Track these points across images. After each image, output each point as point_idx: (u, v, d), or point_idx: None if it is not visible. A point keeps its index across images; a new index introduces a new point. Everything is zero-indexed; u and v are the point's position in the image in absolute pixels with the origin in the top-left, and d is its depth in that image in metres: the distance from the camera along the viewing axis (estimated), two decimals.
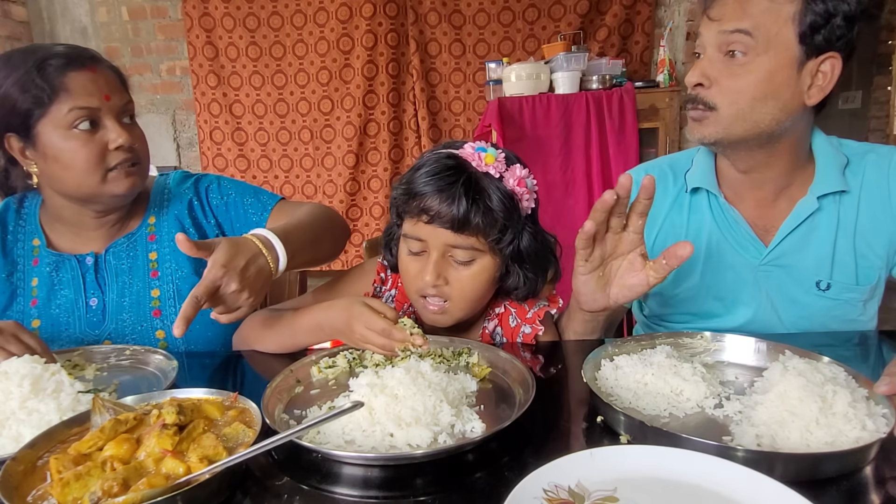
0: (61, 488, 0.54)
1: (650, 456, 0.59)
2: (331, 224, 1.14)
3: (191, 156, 3.77)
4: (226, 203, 1.18)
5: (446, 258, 0.92)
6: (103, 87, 1.00)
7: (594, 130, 2.88)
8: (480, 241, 0.91)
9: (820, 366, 0.73)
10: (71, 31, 3.64)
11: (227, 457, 0.58)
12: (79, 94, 0.97)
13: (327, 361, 0.88)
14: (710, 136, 0.96)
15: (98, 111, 0.98)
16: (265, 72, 3.57)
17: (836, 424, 0.63)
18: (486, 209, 0.89)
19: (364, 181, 3.68)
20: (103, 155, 1.00)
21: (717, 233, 1.07)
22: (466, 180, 0.89)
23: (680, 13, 3.41)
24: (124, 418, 0.63)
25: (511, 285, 0.98)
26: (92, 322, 1.08)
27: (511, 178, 0.92)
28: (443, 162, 0.91)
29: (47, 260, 1.09)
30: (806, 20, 0.88)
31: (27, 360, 0.78)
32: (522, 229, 0.94)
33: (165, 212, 1.15)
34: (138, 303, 1.10)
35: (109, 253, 1.11)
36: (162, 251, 1.13)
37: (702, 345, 0.88)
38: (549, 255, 1.01)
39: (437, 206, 0.88)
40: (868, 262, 1.02)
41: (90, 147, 0.98)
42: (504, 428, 0.65)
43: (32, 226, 1.11)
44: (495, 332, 1.04)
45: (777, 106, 0.92)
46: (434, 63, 3.51)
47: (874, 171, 1.01)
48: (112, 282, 1.10)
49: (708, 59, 0.95)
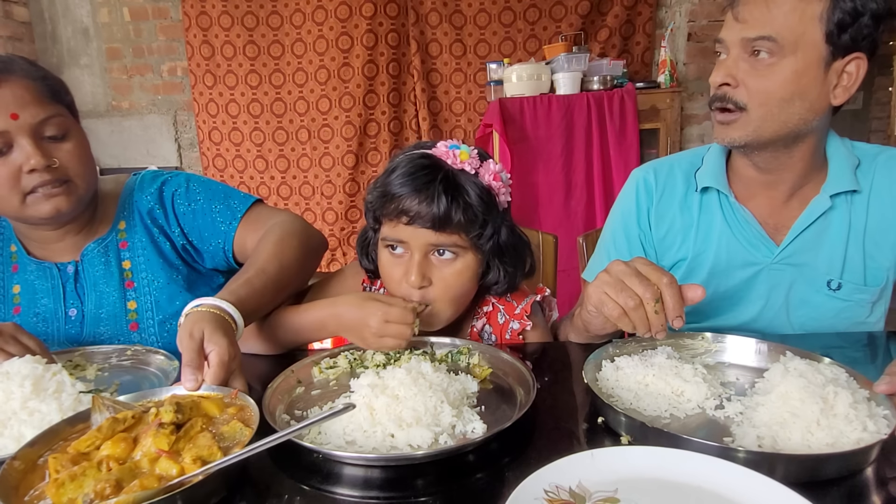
0: (56, 489, 0.54)
1: (651, 457, 0.59)
2: (303, 251, 1.01)
3: (192, 156, 3.77)
4: (193, 210, 1.09)
5: (428, 258, 0.92)
6: (10, 105, 0.89)
7: (595, 131, 2.87)
8: (462, 238, 0.91)
9: (821, 367, 0.73)
10: (73, 31, 3.64)
11: (221, 457, 0.58)
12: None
13: (328, 362, 0.88)
14: (740, 139, 0.96)
15: (6, 133, 0.89)
16: (263, 71, 3.56)
17: (837, 425, 0.63)
18: (465, 205, 0.89)
19: (364, 182, 3.67)
20: (17, 178, 0.91)
21: (728, 232, 1.06)
22: (444, 178, 0.89)
23: (681, 14, 3.40)
24: (122, 417, 0.63)
25: (491, 280, 0.98)
26: (70, 333, 1.04)
27: (486, 174, 0.92)
28: (417, 162, 0.91)
29: (30, 267, 1.05)
30: (834, 19, 0.88)
31: (29, 360, 0.78)
32: (501, 224, 0.95)
33: (133, 218, 1.09)
34: (115, 315, 1.05)
35: (85, 260, 1.06)
36: (135, 260, 1.08)
37: (703, 346, 0.88)
38: (525, 249, 1.02)
39: (416, 206, 0.88)
40: (876, 263, 1.02)
41: (1, 174, 0.90)
42: (505, 429, 0.65)
43: (7, 233, 1.07)
44: (484, 330, 1.05)
45: (805, 106, 0.92)
46: (435, 63, 3.51)
47: (884, 173, 1.01)
48: (91, 291, 1.05)
49: (733, 59, 0.94)
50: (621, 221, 1.16)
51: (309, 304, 0.96)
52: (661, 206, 1.13)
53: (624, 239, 1.15)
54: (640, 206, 1.14)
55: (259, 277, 0.90)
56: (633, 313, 0.76)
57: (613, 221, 1.19)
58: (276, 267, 0.94)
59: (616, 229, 1.17)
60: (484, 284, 1.00)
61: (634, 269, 0.77)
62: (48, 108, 0.93)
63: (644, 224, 1.14)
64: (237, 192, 1.14)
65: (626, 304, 0.76)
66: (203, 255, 1.12)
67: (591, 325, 0.90)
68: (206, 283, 1.14)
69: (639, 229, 1.14)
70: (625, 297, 0.76)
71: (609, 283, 0.78)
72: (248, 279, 0.89)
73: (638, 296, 0.75)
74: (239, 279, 0.89)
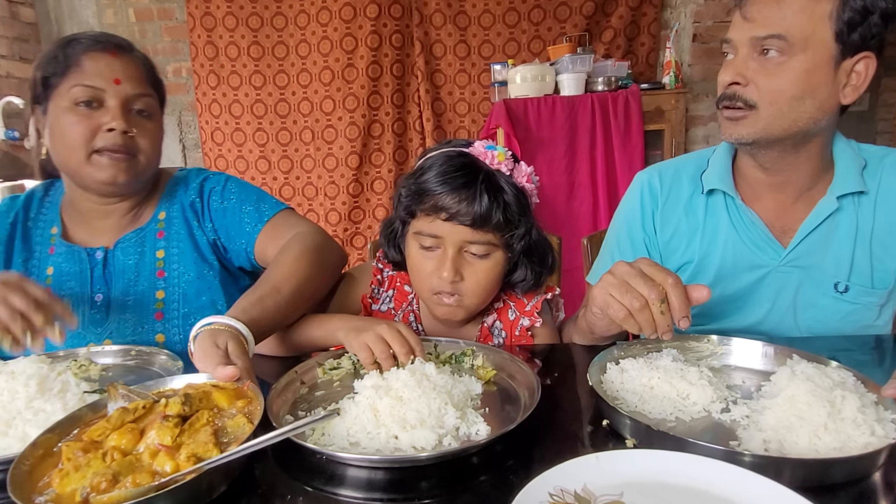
0: (60, 479, 0.54)
1: (656, 460, 0.59)
2: (320, 269, 1.01)
3: (196, 157, 3.78)
4: (224, 208, 1.13)
5: (461, 254, 0.95)
6: (117, 71, 1.00)
7: (599, 132, 2.87)
8: (496, 236, 0.94)
9: (828, 370, 0.73)
10: (78, 32, 3.66)
11: (216, 454, 0.57)
12: (88, 72, 0.98)
13: (332, 363, 0.87)
14: (748, 136, 0.95)
15: (103, 92, 0.99)
16: (267, 71, 3.56)
17: (844, 430, 0.62)
18: (505, 205, 0.92)
19: (367, 183, 3.67)
20: (93, 134, 0.99)
21: (734, 234, 1.06)
22: (486, 178, 0.92)
23: (686, 15, 3.39)
24: (133, 407, 0.64)
25: (518, 278, 1.01)
26: (95, 319, 1.07)
27: (520, 175, 0.96)
28: (456, 160, 0.94)
29: (61, 250, 1.09)
30: (843, 17, 0.88)
31: (34, 360, 0.79)
32: (532, 224, 0.98)
33: (175, 209, 1.13)
34: (141, 303, 1.08)
35: (118, 248, 1.09)
36: (170, 251, 1.11)
37: (708, 348, 0.88)
38: (549, 249, 1.04)
39: (456, 204, 0.91)
40: (884, 266, 1.01)
41: (83, 124, 0.98)
42: (509, 431, 0.64)
43: (53, 214, 1.12)
44: (494, 326, 1.06)
45: (814, 105, 0.92)
46: (439, 64, 3.51)
47: (891, 174, 1.01)
48: (118, 278, 1.08)
49: (742, 58, 0.94)
50: (625, 225, 1.16)
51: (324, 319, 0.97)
52: (667, 209, 1.12)
53: (628, 242, 1.15)
54: (644, 210, 1.14)
55: (272, 297, 0.90)
56: (638, 314, 0.76)
57: (617, 225, 1.19)
58: (292, 286, 0.93)
59: (620, 233, 1.17)
60: (510, 282, 1.02)
61: (639, 269, 0.77)
62: (146, 88, 1.04)
63: (649, 227, 1.14)
64: (270, 197, 1.16)
65: (632, 305, 0.75)
66: (230, 254, 1.15)
67: (596, 326, 0.89)
68: (235, 283, 1.15)
69: (643, 233, 1.14)
70: (630, 298, 0.75)
71: (614, 285, 0.77)
72: (260, 298, 0.89)
73: (643, 297, 0.75)
74: (251, 296, 0.89)
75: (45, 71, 1.00)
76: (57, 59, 0.99)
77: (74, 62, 0.99)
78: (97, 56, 1.00)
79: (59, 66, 0.99)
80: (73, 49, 1.00)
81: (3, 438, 0.68)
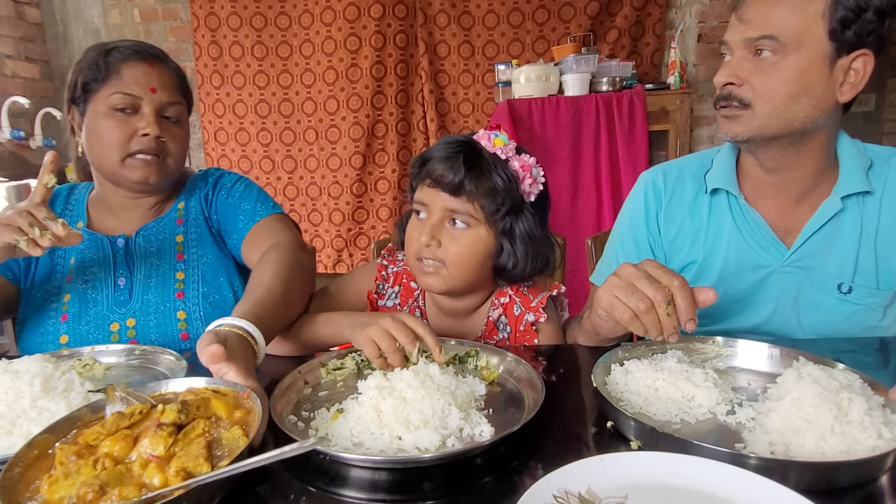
0: (50, 485, 0.53)
1: (661, 462, 0.58)
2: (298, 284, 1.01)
3: (199, 157, 3.79)
4: (227, 203, 1.20)
5: (444, 224, 0.98)
6: (153, 81, 1.08)
7: (604, 133, 2.86)
8: (476, 209, 0.97)
9: (835, 373, 0.72)
10: (84, 32, 3.67)
11: (208, 471, 0.55)
12: (127, 81, 1.06)
13: (335, 363, 0.87)
14: (742, 134, 0.96)
15: (139, 100, 1.07)
16: (271, 71, 3.57)
17: (851, 433, 0.62)
18: (481, 177, 0.95)
19: (371, 183, 3.68)
20: (129, 138, 1.07)
21: (738, 234, 1.06)
22: (470, 151, 0.97)
23: (691, 15, 3.38)
24: (129, 412, 0.62)
25: (502, 262, 1.01)
26: (119, 301, 1.12)
27: (516, 162, 0.99)
28: (455, 137, 1.01)
29: (83, 238, 1.10)
30: (836, 16, 0.88)
31: (38, 359, 0.79)
32: (521, 210, 0.99)
33: (193, 200, 1.22)
34: (163, 284, 1.13)
35: (139, 235, 1.16)
36: (188, 235, 1.18)
37: (713, 350, 0.88)
38: (547, 248, 1.04)
39: (440, 170, 0.96)
40: (889, 267, 1.00)
41: (121, 129, 1.06)
42: (513, 432, 0.64)
43: (79, 210, 1.20)
44: (500, 320, 1.07)
45: (810, 103, 0.92)
46: (443, 64, 3.51)
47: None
48: (140, 262, 1.14)
49: (737, 59, 0.95)
50: (630, 225, 1.16)
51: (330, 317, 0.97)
52: (671, 209, 1.12)
53: (632, 242, 1.15)
54: (648, 210, 1.13)
55: (269, 296, 0.91)
56: (644, 316, 0.75)
57: (622, 225, 1.18)
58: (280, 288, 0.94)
59: (624, 233, 1.16)
60: (496, 266, 1.03)
61: (644, 271, 0.77)
62: (178, 97, 1.13)
63: (653, 227, 1.13)
64: (269, 199, 1.22)
65: (637, 307, 0.75)
66: (228, 247, 1.21)
67: (601, 328, 0.89)
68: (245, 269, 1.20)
69: (647, 233, 1.14)
70: (636, 300, 0.75)
71: (619, 287, 0.77)
72: (259, 299, 0.89)
73: (649, 298, 0.74)
74: (249, 299, 0.89)
75: (85, 76, 1.07)
76: (98, 66, 1.07)
77: (114, 70, 1.06)
78: (136, 65, 1.08)
79: (99, 72, 1.06)
80: (114, 57, 1.07)
81: (7, 437, 0.68)
